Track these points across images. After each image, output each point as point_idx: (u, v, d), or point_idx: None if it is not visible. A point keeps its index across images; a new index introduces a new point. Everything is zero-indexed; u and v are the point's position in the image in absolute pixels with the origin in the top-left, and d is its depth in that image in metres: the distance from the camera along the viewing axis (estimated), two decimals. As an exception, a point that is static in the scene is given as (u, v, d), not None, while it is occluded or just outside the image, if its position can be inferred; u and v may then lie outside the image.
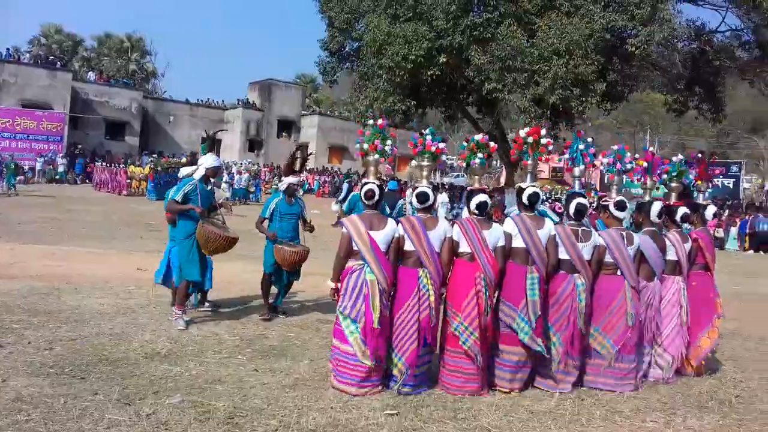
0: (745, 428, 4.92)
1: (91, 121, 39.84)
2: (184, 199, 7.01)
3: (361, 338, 5.10)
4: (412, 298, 5.16)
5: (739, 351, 7.63)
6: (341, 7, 25.26)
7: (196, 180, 7.13)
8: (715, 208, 7.09)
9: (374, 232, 5.22)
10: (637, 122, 60.68)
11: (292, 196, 7.76)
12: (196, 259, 7.04)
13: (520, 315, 5.32)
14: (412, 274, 5.22)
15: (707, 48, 25.57)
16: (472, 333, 5.17)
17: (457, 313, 5.23)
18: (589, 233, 5.65)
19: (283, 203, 7.69)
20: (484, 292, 5.20)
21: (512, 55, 21.07)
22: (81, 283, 8.92)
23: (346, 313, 5.15)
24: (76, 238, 14.63)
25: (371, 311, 5.08)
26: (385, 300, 5.18)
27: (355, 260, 5.24)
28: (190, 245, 7.01)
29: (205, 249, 6.99)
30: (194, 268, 7.02)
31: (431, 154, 5.68)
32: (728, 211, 27.87)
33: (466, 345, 5.18)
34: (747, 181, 47.11)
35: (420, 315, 5.15)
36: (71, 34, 58.25)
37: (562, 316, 5.46)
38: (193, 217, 6.99)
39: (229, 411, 4.55)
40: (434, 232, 5.30)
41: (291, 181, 7.76)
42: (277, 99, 47.44)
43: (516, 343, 5.39)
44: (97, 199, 26.63)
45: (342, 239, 5.33)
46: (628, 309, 5.61)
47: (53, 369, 5.24)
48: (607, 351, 5.58)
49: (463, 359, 5.25)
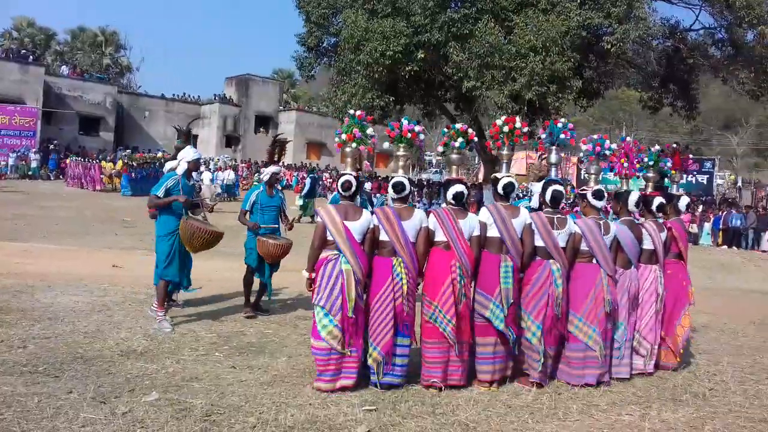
0: (718, 420, 4.99)
1: (65, 116, 39.27)
2: (166, 194, 6.79)
3: (337, 328, 5.08)
4: (386, 287, 5.17)
5: (713, 344, 7.75)
6: (318, 2, 25.13)
7: (178, 175, 6.92)
8: (689, 199, 7.24)
9: (349, 222, 5.22)
10: (613, 119, 61.33)
11: (273, 186, 7.71)
12: (176, 258, 6.83)
13: (494, 302, 5.35)
14: (386, 263, 5.23)
15: (681, 46, 25.88)
16: (450, 321, 5.18)
17: (432, 302, 5.25)
18: (564, 221, 5.70)
19: (263, 195, 7.62)
20: (459, 281, 5.23)
21: (490, 52, 21.13)
22: (55, 280, 8.79)
23: (321, 304, 5.13)
24: (49, 235, 14.42)
25: (347, 301, 5.09)
26: (360, 290, 5.19)
27: (330, 250, 5.22)
28: (171, 243, 6.80)
29: (189, 245, 6.77)
30: (173, 267, 6.82)
31: (407, 141, 5.69)
32: (702, 206, 28.27)
33: (446, 331, 5.20)
34: (720, 177, 47.81)
35: (395, 303, 5.17)
36: (44, 28, 57.29)
37: (539, 303, 5.48)
38: (176, 213, 6.79)
39: (206, 409, 4.52)
40: (409, 222, 5.32)
41: (274, 170, 7.70)
42: (254, 94, 47.19)
43: (490, 333, 5.41)
44: (70, 195, 26.25)
45: (317, 229, 5.31)
46: (605, 296, 5.66)
47: (27, 368, 5.16)
48: (594, 341, 5.60)
49: (441, 349, 5.26)
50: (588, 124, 58.15)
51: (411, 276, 5.27)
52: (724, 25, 24.83)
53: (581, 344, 5.63)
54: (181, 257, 6.91)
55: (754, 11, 21.67)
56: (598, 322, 5.62)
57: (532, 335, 5.47)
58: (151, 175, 28.59)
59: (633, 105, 47.57)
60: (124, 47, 59.83)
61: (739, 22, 22.92)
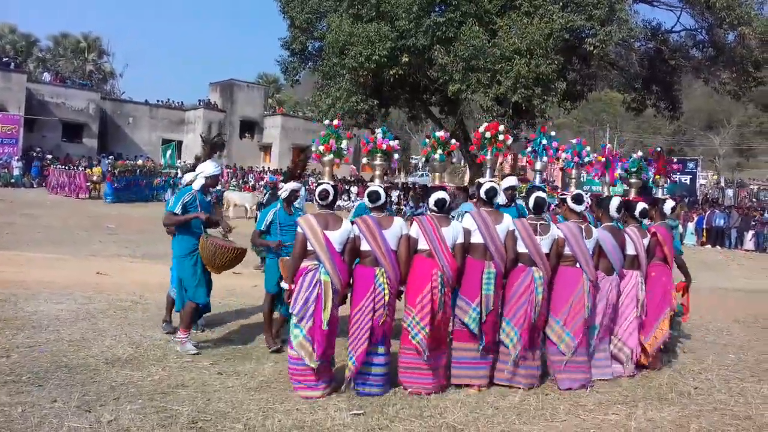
0: (704, 419, 5.03)
1: (48, 124, 38.92)
2: (184, 210, 6.25)
3: (307, 339, 5.05)
4: (367, 297, 5.16)
5: (698, 344, 7.81)
6: (302, 6, 25.11)
7: (195, 190, 6.38)
8: (674, 202, 7.27)
9: (329, 232, 5.20)
10: (597, 121, 61.71)
11: (291, 204, 6.86)
12: (203, 278, 6.32)
13: (474, 308, 5.36)
14: (368, 273, 5.22)
15: (663, 48, 26.09)
16: (423, 328, 5.17)
17: (411, 308, 5.25)
18: (547, 227, 5.73)
19: (282, 213, 6.74)
20: (440, 290, 5.22)
21: (475, 55, 21.19)
22: (38, 288, 8.70)
23: (295, 313, 5.11)
24: (32, 243, 14.27)
25: (321, 312, 5.06)
26: (337, 301, 5.16)
27: (310, 260, 5.19)
28: (193, 263, 6.28)
29: (211, 266, 6.24)
30: (202, 288, 6.31)
31: (383, 152, 5.70)
32: (686, 206, 28.50)
33: (415, 340, 5.21)
34: (703, 177, 48.24)
35: (374, 314, 5.15)
36: (26, 34, 56.85)
37: (520, 309, 5.49)
38: (194, 231, 6.28)
39: (192, 415, 4.49)
40: (390, 230, 5.31)
41: (293, 188, 6.81)
42: (239, 99, 47.00)
43: (470, 339, 5.43)
44: (53, 202, 26.03)
45: (297, 239, 5.28)
46: (586, 302, 5.69)
47: (10, 377, 5.11)
48: (566, 345, 5.64)
49: (414, 356, 5.26)
50: (572, 126, 58.54)
51: (392, 286, 5.25)
52: (704, 26, 25.06)
53: (556, 348, 5.67)
54: (207, 276, 6.42)
55: (734, 12, 21.89)
56: (575, 328, 5.65)
57: (509, 341, 5.49)
58: (132, 183, 28.49)
59: (616, 107, 47.89)
60: (107, 53, 59.56)
61: (719, 23, 23.14)
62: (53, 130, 39.42)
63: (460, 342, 5.48)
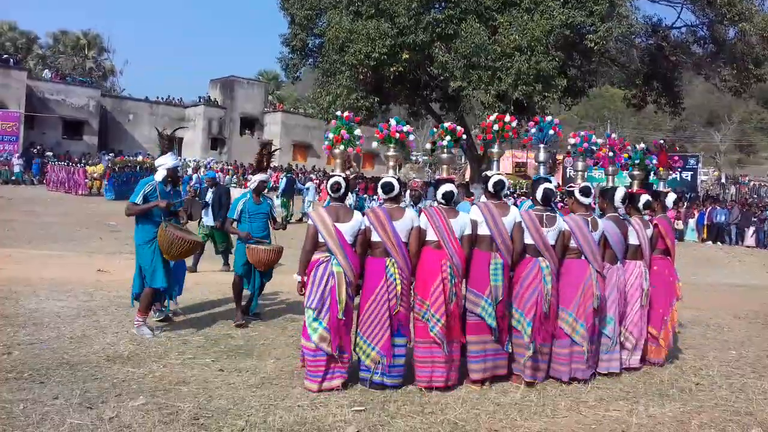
0: (705, 415, 5.03)
1: (48, 121, 38.96)
2: (144, 200, 6.60)
3: (325, 329, 5.09)
4: (381, 287, 5.18)
5: (699, 339, 7.81)
6: (302, 3, 25.08)
7: (155, 181, 6.74)
8: (675, 195, 7.29)
9: (340, 224, 5.24)
10: (597, 117, 61.68)
11: (260, 194, 7.60)
12: (160, 264, 6.62)
13: (486, 299, 5.35)
14: (379, 264, 5.25)
15: (664, 44, 26.06)
16: (439, 320, 5.18)
17: (424, 301, 5.25)
18: (554, 218, 5.72)
19: (250, 203, 7.50)
20: (450, 280, 5.23)
21: (476, 52, 21.17)
22: (40, 285, 8.71)
23: (312, 306, 5.14)
24: (33, 240, 14.28)
25: (337, 303, 5.09)
26: (350, 292, 5.20)
27: (321, 253, 5.23)
28: (152, 251, 6.60)
29: (167, 254, 6.59)
30: (159, 273, 6.60)
31: (397, 141, 5.69)
32: (687, 203, 28.47)
33: (433, 332, 5.20)
34: (704, 173, 48.14)
35: (390, 303, 5.17)
36: (25, 32, 56.73)
37: (530, 300, 5.49)
38: (155, 220, 6.63)
39: (194, 412, 4.50)
40: (400, 222, 5.32)
41: (261, 179, 7.56)
42: (239, 96, 47.03)
43: (482, 331, 5.42)
44: (54, 199, 26.02)
45: (308, 232, 5.32)
46: (594, 291, 5.69)
47: (12, 374, 5.12)
48: (582, 336, 5.64)
49: (432, 348, 5.25)
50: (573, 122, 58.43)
51: (404, 276, 5.27)
52: (705, 22, 25.05)
53: (567, 340, 5.65)
54: (166, 262, 6.72)
55: (735, 8, 21.86)
56: (586, 318, 5.65)
57: (523, 332, 5.48)
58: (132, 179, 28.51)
59: (617, 103, 47.91)
60: (107, 50, 59.40)
61: (720, 19, 23.13)
62: (53, 128, 39.47)
63: (471, 335, 5.46)
